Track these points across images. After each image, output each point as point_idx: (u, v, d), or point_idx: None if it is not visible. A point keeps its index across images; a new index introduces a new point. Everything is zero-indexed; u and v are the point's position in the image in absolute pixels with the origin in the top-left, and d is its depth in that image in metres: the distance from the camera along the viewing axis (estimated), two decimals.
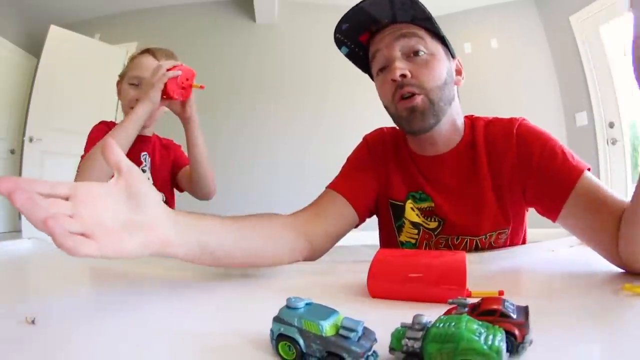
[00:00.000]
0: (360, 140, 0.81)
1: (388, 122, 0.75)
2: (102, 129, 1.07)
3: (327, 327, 0.25)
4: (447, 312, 0.28)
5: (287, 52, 3.85)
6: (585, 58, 3.24)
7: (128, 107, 1.04)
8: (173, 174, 1.17)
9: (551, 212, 0.60)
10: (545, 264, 0.59)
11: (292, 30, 3.90)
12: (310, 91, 3.81)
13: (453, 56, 0.70)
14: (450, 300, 0.30)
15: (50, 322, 0.34)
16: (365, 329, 0.26)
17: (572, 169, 0.58)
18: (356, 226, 0.73)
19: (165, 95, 0.93)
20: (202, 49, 3.70)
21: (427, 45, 0.64)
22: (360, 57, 0.72)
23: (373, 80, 0.72)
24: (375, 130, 0.81)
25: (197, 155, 1.06)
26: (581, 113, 3.32)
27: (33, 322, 0.33)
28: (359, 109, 3.72)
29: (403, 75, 0.62)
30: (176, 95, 0.95)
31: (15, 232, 3.78)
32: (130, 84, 1.06)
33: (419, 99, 0.63)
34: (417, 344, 0.24)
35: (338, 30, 0.67)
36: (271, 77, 3.80)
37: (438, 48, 0.66)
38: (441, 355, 0.23)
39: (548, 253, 0.65)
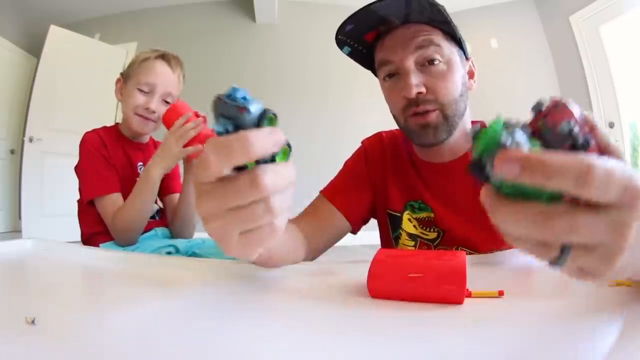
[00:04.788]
0: (358, 140, 0.79)
1: (386, 122, 0.74)
2: (95, 139, 1.00)
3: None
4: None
5: (287, 52, 3.85)
6: (585, 58, 3.24)
7: (133, 114, 0.99)
8: (164, 187, 1.05)
9: None
10: (545, 264, 0.59)
11: (292, 30, 3.90)
12: (310, 91, 3.82)
13: (467, 57, 0.66)
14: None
15: (50, 322, 0.34)
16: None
17: None
18: (352, 232, 0.73)
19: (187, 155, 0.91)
20: (202, 49, 3.70)
21: (443, 52, 0.60)
22: (364, 54, 0.67)
23: (377, 76, 0.68)
24: (374, 136, 0.78)
25: (190, 203, 1.01)
26: None
27: (33, 322, 0.33)
28: (358, 108, 3.73)
29: (419, 92, 0.59)
30: (194, 155, 0.91)
31: (15, 232, 3.78)
32: (139, 90, 0.98)
33: (433, 115, 0.60)
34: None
35: (341, 31, 0.62)
36: (271, 77, 3.80)
37: (453, 52, 0.62)
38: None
39: None
